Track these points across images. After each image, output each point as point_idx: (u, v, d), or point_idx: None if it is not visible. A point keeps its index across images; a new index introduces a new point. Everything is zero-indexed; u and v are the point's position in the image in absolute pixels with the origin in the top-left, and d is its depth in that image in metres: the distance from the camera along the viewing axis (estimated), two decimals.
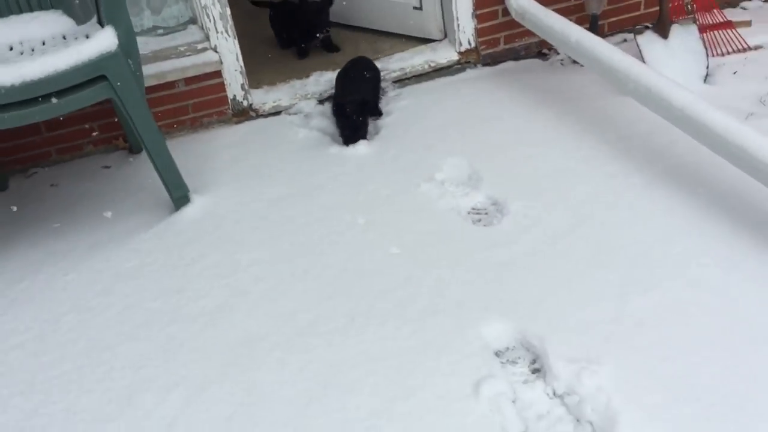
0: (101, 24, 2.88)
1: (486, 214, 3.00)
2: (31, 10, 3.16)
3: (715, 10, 3.90)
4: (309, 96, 4.01)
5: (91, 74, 2.75)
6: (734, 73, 3.75)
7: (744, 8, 4.53)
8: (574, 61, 4.08)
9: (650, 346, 2.20)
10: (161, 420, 2.18)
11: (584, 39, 3.48)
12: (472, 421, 2.08)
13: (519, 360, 2.32)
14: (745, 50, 3.92)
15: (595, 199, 2.93)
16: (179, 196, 3.14)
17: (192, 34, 3.72)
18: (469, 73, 4.16)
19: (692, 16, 3.82)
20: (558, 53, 4.25)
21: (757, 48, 3.93)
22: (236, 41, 3.73)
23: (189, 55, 3.66)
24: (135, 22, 3.68)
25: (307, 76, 4.14)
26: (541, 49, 4.31)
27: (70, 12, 3.14)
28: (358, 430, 2.08)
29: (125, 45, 2.81)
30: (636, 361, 2.17)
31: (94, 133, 3.75)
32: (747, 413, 1.97)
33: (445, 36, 4.28)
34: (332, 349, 2.38)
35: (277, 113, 3.94)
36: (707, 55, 3.71)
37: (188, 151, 3.55)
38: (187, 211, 3.15)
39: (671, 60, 3.72)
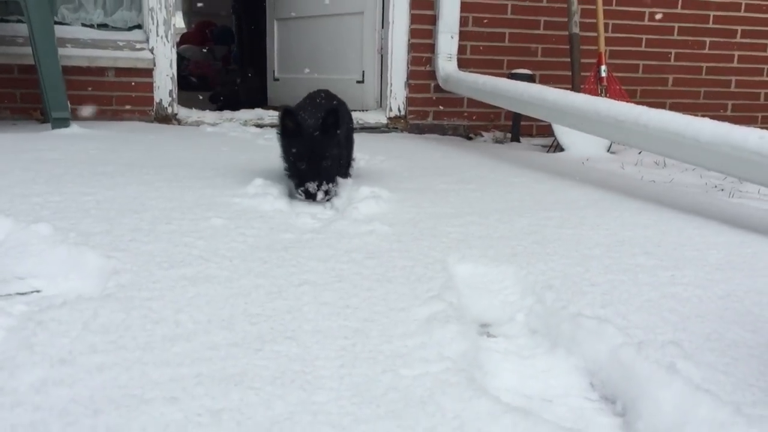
0: None
1: None
2: None
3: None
4: (234, 120, 4.36)
5: None
6: (639, 152, 4.01)
7: None
8: (497, 142, 4.43)
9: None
10: None
11: (488, 81, 3.89)
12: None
13: None
14: None
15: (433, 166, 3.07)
16: (59, 117, 3.36)
17: (135, 35, 4.25)
18: (394, 134, 4.49)
19: None
20: (483, 136, 4.60)
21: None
22: (174, 49, 4.22)
23: (125, 50, 4.13)
24: (86, 16, 4.27)
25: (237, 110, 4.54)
26: (469, 134, 4.67)
27: None
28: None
29: None
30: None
31: (14, 102, 4.06)
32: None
33: (380, 106, 4.72)
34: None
35: (198, 125, 4.26)
36: None
37: (99, 122, 3.86)
38: (64, 131, 3.33)
39: (580, 133, 4.02)
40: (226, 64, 10.86)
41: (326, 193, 2.18)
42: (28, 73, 3.93)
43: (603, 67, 4.24)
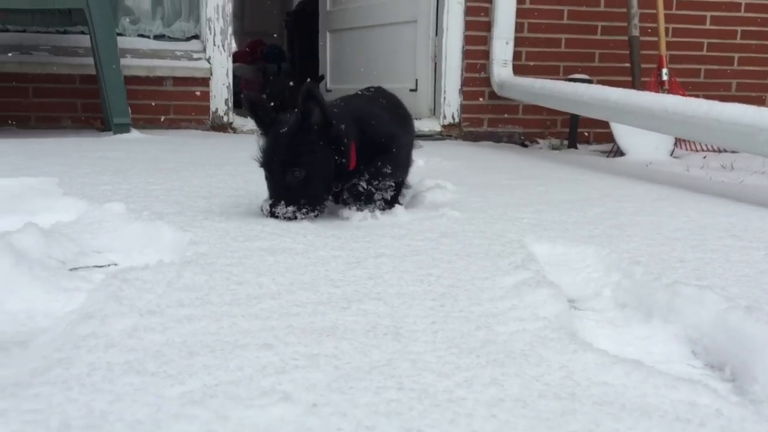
0: None
1: None
2: None
3: None
4: None
5: (74, 5, 3.30)
6: (704, 157, 3.93)
7: None
8: (554, 148, 4.37)
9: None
10: None
11: (546, 83, 3.86)
12: None
13: None
14: (720, 151, 4.12)
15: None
16: (120, 123, 3.44)
17: (192, 45, 4.34)
18: (449, 141, 4.47)
19: None
20: (538, 143, 4.55)
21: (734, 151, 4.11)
22: (230, 59, 4.29)
23: (182, 59, 4.21)
24: (146, 27, 4.37)
25: None
26: (524, 141, 4.62)
27: None
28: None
29: None
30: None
31: (75, 112, 4.16)
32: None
33: (434, 114, 4.71)
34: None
35: (254, 133, 4.29)
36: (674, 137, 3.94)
37: (157, 130, 3.93)
38: (125, 135, 3.40)
39: (641, 136, 3.96)
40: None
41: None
42: (89, 83, 4.03)
43: (664, 70, 4.17)
